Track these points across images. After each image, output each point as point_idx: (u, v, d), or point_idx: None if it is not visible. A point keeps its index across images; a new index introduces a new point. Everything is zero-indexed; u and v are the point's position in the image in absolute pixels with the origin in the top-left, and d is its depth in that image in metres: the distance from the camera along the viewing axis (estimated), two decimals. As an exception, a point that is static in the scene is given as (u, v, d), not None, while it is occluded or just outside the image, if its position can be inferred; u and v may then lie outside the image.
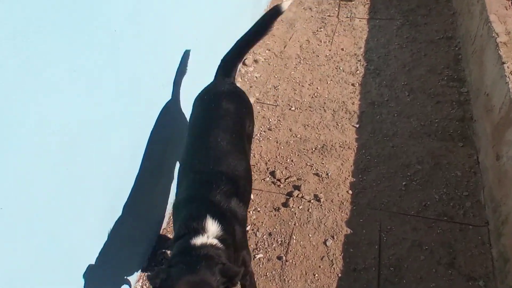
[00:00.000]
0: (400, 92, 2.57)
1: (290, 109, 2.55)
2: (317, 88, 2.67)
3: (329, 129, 2.40)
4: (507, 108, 1.86)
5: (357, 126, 2.39)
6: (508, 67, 2.00)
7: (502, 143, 1.87)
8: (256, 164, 2.24)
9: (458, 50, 2.81)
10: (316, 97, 2.61)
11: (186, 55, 1.92)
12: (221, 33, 2.42)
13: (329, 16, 3.29)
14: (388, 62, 2.80)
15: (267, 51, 3.00)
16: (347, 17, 3.26)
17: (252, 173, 2.17)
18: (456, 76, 2.63)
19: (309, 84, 2.71)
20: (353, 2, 3.38)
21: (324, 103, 2.56)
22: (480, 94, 2.28)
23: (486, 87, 2.19)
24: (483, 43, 2.35)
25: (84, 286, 1.37)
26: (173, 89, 1.84)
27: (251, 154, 2.27)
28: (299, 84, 2.71)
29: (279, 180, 2.14)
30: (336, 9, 3.35)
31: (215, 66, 1.83)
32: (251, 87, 2.72)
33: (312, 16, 3.30)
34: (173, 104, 1.85)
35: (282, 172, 2.18)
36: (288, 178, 2.15)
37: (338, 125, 2.41)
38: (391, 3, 3.34)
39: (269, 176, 2.17)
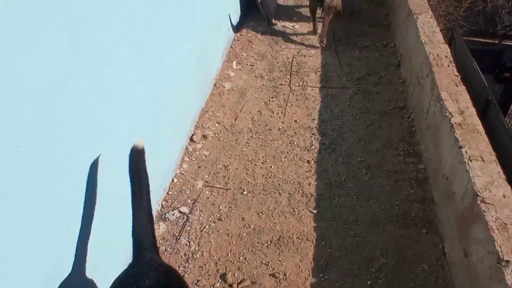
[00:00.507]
0: (357, 170, 2.42)
1: (242, 193, 2.31)
2: (271, 167, 2.47)
3: (285, 217, 2.17)
4: (471, 200, 1.73)
5: (315, 212, 2.19)
6: (466, 152, 1.89)
7: (469, 239, 1.71)
8: (205, 265, 1.95)
9: (411, 121, 2.75)
10: (270, 177, 2.40)
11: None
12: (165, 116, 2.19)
13: (281, 84, 3.17)
14: (343, 135, 2.68)
15: (217, 125, 2.79)
16: (299, 85, 3.16)
17: (200, 278, 1.88)
18: (412, 150, 2.53)
19: (262, 163, 2.50)
20: (305, 70, 3.31)
21: (279, 184, 2.36)
22: (438, 175, 2.17)
23: (445, 169, 2.08)
24: (437, 121, 2.27)
25: None
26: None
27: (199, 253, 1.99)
28: (251, 163, 2.50)
29: (231, 285, 1.85)
30: (288, 77, 3.25)
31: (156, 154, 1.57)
32: (199, 167, 2.48)
33: (263, 85, 3.17)
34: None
35: (234, 274, 1.91)
36: (241, 282, 1.87)
37: (294, 211, 2.20)
38: (342, 71, 3.29)
39: (220, 281, 1.88)
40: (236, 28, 3.78)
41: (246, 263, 1.96)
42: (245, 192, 2.31)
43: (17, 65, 1.08)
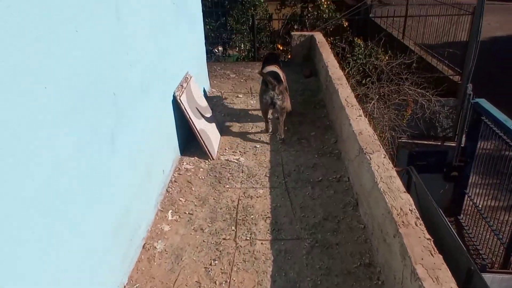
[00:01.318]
0: None
1: None
2: None
3: None
4: None
5: None
6: None
7: None
8: None
9: (382, 284, 2.25)
10: None
11: None
12: None
13: (224, 239, 2.63)
14: (303, 315, 2.10)
15: (142, 311, 2.13)
16: (246, 239, 2.63)
17: None
18: (391, 334, 1.98)
19: None
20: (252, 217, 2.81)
21: None
22: None
23: None
24: (418, 305, 1.77)
25: None
26: None
27: None
28: None
29: None
30: (233, 228, 2.73)
31: None
32: None
33: (204, 241, 2.61)
34: None
35: None
36: None
37: None
38: (295, 215, 2.83)
39: None
40: (173, 168, 3.32)
41: None
42: None
43: None
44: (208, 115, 3.84)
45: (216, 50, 9.42)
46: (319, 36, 5.76)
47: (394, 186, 2.38)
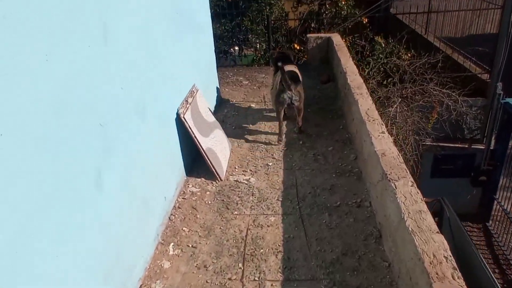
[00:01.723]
0: None
1: None
2: None
3: None
4: None
5: None
6: None
7: None
8: None
9: None
10: None
11: None
12: None
13: (230, 279, 2.33)
14: None
15: None
16: (254, 279, 2.32)
17: None
18: None
19: None
20: (261, 252, 2.51)
21: None
22: None
23: None
24: None
25: None
26: None
27: None
28: None
29: None
30: (240, 265, 2.43)
31: None
32: None
33: (207, 282, 2.32)
34: None
35: None
36: None
37: None
38: (310, 249, 2.51)
39: None
40: (178, 192, 3.05)
41: None
42: None
43: None
44: (217, 131, 3.55)
45: (232, 50, 9.12)
46: (336, 38, 5.37)
47: (424, 225, 2.02)
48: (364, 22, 8.15)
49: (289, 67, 3.84)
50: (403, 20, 8.82)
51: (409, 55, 6.87)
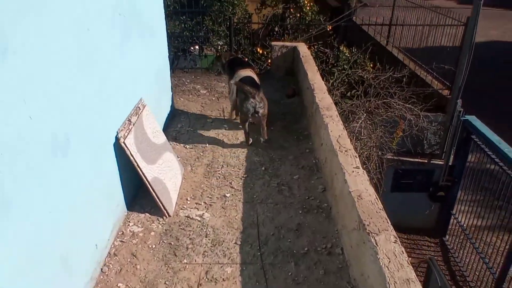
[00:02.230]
0: None
1: None
2: None
3: None
4: None
5: None
6: None
7: None
8: None
9: None
10: None
11: None
12: None
13: None
14: None
15: None
16: None
17: None
18: None
19: None
20: None
21: None
22: None
23: None
24: None
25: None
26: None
27: None
28: None
29: None
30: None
31: None
32: None
33: None
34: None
35: None
36: None
37: None
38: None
39: None
40: (115, 233, 2.50)
41: None
42: None
43: None
44: (166, 155, 3.01)
45: (192, 49, 8.50)
46: (302, 48, 4.99)
47: (413, 298, 1.65)
48: (329, 29, 7.88)
49: (244, 72, 3.71)
50: (368, 32, 8.65)
51: (372, 66, 6.65)
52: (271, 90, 4.60)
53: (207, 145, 3.62)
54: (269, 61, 6.51)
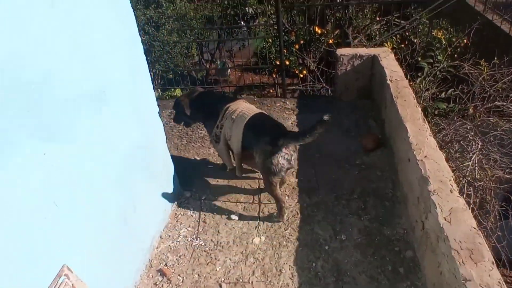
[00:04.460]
0: None
1: None
2: None
3: None
4: None
5: None
6: None
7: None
8: None
9: None
10: None
11: None
12: None
13: None
14: None
15: None
16: None
17: None
18: None
19: None
20: None
21: None
22: None
23: None
24: None
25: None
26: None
27: None
28: None
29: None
30: None
31: None
32: None
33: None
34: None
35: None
36: None
37: None
38: None
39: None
40: None
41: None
42: None
43: None
44: None
45: (242, 23, 6.76)
46: (389, 61, 3.14)
47: None
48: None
49: (241, 104, 2.53)
50: (475, 6, 6.00)
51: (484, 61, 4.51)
52: (332, 135, 2.90)
53: None
54: (334, 80, 4.59)
